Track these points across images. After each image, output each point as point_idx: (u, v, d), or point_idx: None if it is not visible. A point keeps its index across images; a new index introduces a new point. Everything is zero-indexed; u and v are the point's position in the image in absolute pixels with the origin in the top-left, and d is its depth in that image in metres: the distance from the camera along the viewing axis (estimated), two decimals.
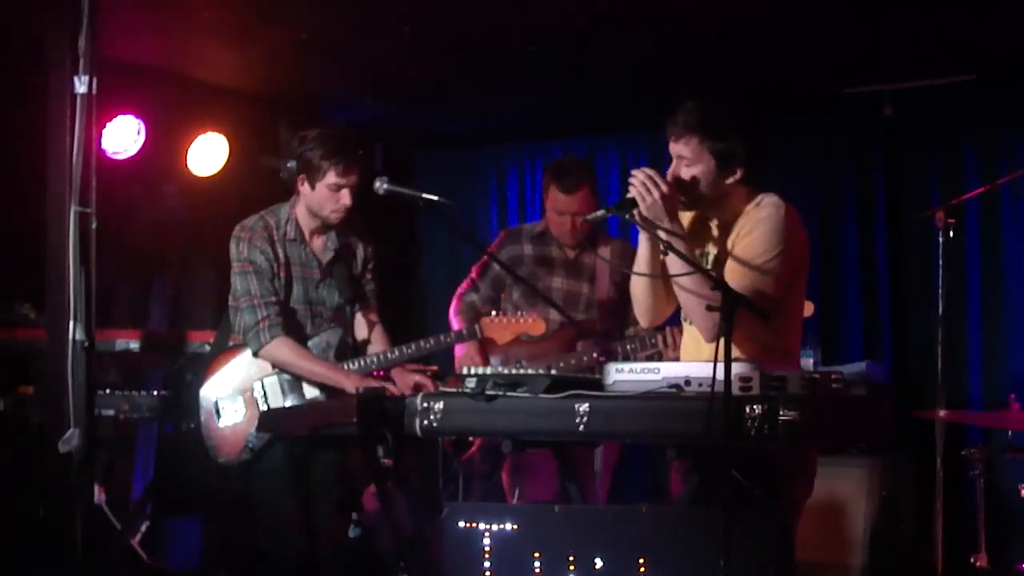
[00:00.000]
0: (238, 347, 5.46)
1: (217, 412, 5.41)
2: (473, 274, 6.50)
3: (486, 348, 6.19)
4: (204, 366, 5.53)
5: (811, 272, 4.67)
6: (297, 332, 5.43)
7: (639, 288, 4.51)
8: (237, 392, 5.43)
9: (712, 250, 4.41)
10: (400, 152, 9.32)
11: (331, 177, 5.33)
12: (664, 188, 4.20)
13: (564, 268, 6.34)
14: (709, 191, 4.31)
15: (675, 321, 4.82)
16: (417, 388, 5.08)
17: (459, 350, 6.20)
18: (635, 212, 4.23)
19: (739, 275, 4.23)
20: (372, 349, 5.59)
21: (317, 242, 5.54)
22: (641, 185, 4.21)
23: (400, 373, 5.45)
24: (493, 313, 5.78)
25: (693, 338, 4.44)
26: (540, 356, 6.04)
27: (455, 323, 6.32)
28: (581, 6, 6.39)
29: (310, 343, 5.44)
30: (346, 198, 5.37)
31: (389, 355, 5.47)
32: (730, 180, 4.31)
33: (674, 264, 4.22)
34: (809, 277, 4.57)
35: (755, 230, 4.28)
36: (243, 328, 5.40)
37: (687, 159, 4.29)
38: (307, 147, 5.36)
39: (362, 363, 5.44)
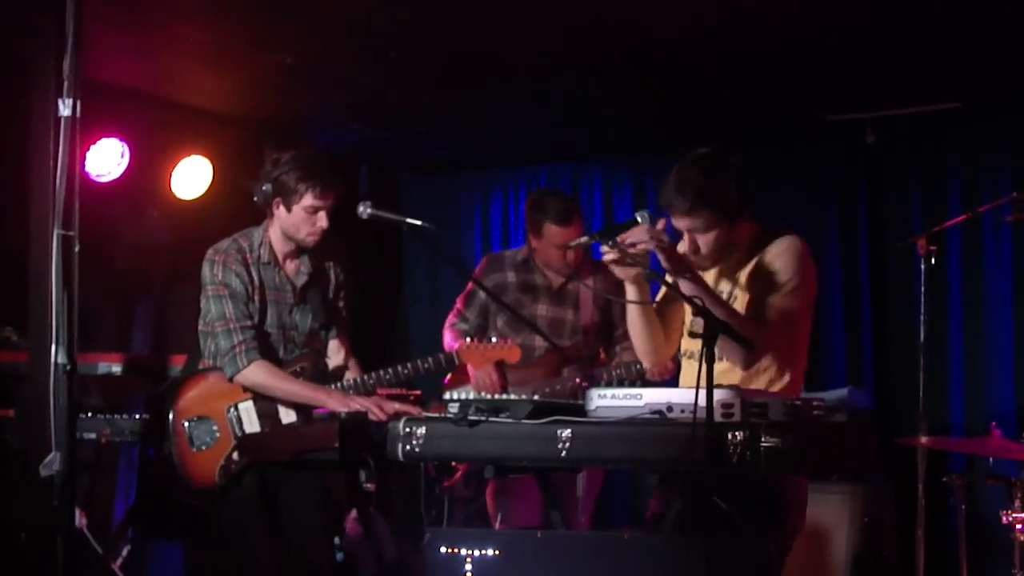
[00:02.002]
0: (208, 371, 5.43)
1: (189, 438, 5.38)
2: (459, 305, 6.50)
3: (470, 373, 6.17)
4: (174, 391, 5.49)
5: None
6: (270, 356, 5.40)
7: (635, 326, 4.53)
8: (210, 416, 5.39)
9: (725, 287, 4.45)
10: (385, 176, 9.32)
11: (308, 199, 5.32)
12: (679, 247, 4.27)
13: (548, 295, 6.35)
14: (724, 246, 4.36)
15: None
16: (397, 416, 5.06)
17: (472, 370, 6.12)
18: (618, 239, 4.25)
19: (766, 306, 4.32)
20: (348, 375, 5.57)
21: (290, 266, 5.52)
22: (669, 248, 4.22)
23: (380, 401, 5.40)
24: (469, 340, 5.79)
25: (691, 371, 4.45)
26: (525, 382, 6.04)
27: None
28: (566, 33, 6.41)
29: (282, 368, 5.42)
30: (323, 220, 5.36)
31: (367, 380, 5.45)
32: (737, 226, 4.38)
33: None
34: None
35: (777, 261, 4.37)
36: (218, 352, 5.37)
37: (701, 227, 4.34)
38: (282, 170, 5.35)
39: (338, 387, 5.42)
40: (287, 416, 5.38)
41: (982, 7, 5.99)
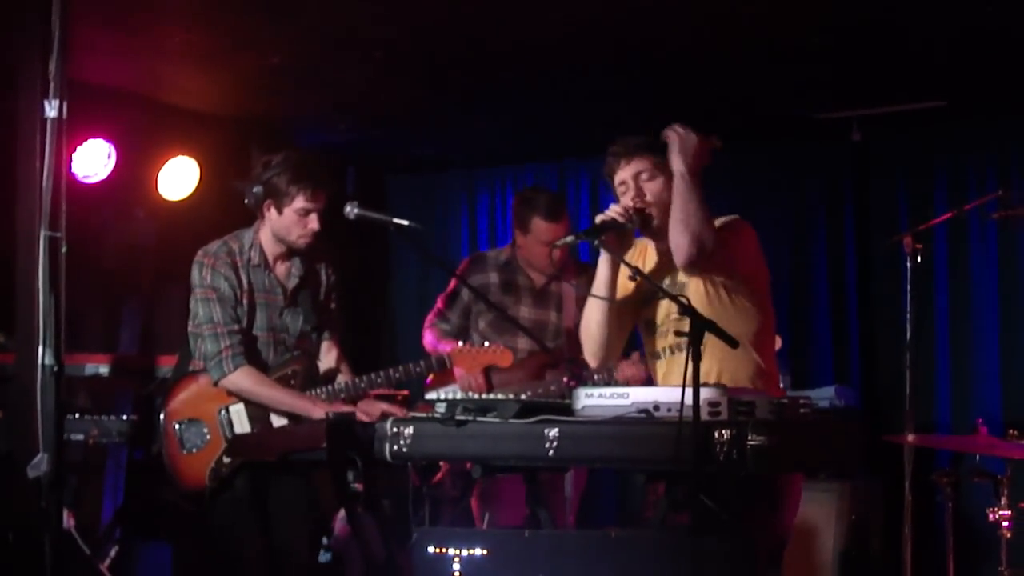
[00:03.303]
0: (199, 373, 5.42)
1: (180, 440, 5.37)
2: (440, 305, 6.46)
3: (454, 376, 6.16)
4: (165, 392, 5.48)
5: (781, 296, 4.74)
6: (259, 360, 5.39)
7: (594, 319, 4.55)
8: (200, 419, 5.38)
9: (678, 278, 4.47)
10: (372, 176, 9.32)
11: (300, 202, 5.31)
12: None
13: (531, 297, 6.34)
14: (665, 208, 4.39)
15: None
16: (386, 417, 5.06)
17: (458, 371, 6.13)
18: (603, 238, 4.30)
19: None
20: (340, 378, 5.56)
21: (281, 268, 5.50)
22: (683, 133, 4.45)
23: (368, 403, 5.38)
24: (460, 344, 5.77)
25: (675, 371, 4.47)
26: (509, 384, 6.01)
27: (443, 348, 6.22)
28: (553, 31, 6.42)
29: (273, 371, 5.42)
30: (314, 222, 5.35)
31: (358, 383, 5.44)
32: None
33: (679, 202, 4.38)
34: (779, 301, 4.63)
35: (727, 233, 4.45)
36: (205, 356, 5.36)
37: (648, 171, 4.49)
38: (273, 172, 5.33)
39: (329, 390, 5.41)
40: (278, 420, 5.36)
41: (967, 5, 6.01)
